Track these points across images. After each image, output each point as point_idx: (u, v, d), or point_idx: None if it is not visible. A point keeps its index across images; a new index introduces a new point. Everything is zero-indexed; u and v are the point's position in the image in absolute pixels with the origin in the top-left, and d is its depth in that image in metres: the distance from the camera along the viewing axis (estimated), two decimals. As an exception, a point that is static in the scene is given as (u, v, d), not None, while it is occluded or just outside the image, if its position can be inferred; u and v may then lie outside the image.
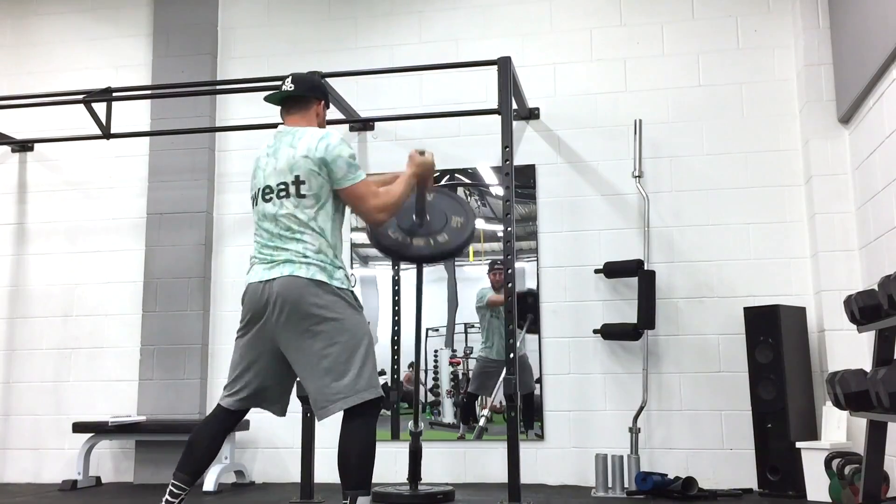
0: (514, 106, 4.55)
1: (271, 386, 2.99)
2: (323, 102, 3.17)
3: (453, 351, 5.08)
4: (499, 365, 4.96)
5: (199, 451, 2.91)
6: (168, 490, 2.85)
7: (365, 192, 3.00)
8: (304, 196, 2.92)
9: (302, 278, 2.84)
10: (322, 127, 3.14)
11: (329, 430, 3.21)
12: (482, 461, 4.87)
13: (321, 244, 2.91)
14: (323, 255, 2.90)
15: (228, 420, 2.99)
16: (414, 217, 3.66)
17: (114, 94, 4.99)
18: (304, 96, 3.10)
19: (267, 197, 2.97)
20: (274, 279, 2.87)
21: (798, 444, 4.15)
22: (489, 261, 5.11)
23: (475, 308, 5.10)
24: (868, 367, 3.11)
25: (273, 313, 2.86)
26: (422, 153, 3.33)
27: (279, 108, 3.15)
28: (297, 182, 2.92)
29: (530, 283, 4.99)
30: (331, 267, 2.90)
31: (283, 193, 2.94)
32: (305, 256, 2.88)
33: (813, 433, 4.34)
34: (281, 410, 3.06)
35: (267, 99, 3.16)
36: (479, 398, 5.03)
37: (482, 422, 4.90)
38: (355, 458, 2.80)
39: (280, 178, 2.95)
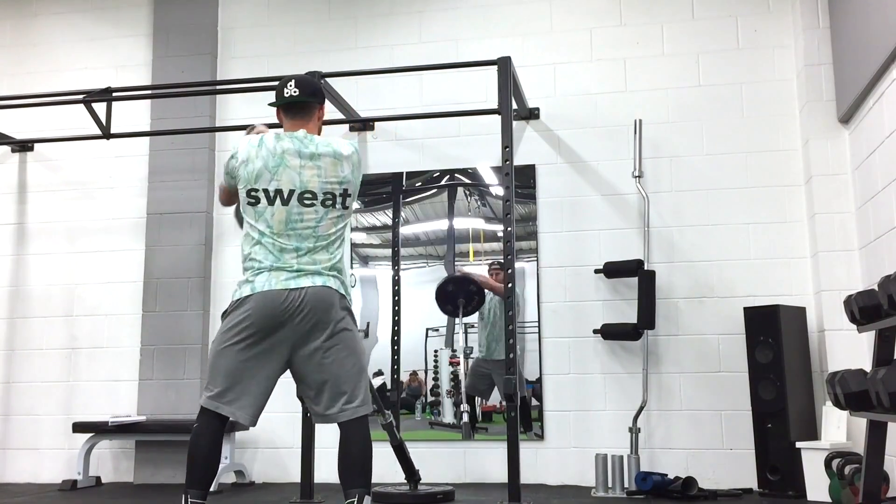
0: (514, 106, 4.55)
1: (263, 395, 2.97)
2: (322, 106, 3.20)
3: (453, 351, 5.08)
4: (488, 364, 4.98)
5: (206, 463, 2.90)
6: None
7: None
8: (347, 208, 3.02)
9: (332, 290, 2.92)
10: (320, 130, 3.19)
11: (329, 430, 3.21)
12: (482, 461, 4.87)
13: (343, 258, 3.04)
14: (342, 268, 3.01)
15: (221, 428, 2.97)
16: None
17: (114, 94, 4.99)
18: (309, 101, 3.11)
19: (307, 202, 2.93)
20: (304, 288, 2.88)
21: (798, 444, 4.15)
22: (489, 262, 5.11)
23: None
24: (868, 367, 3.11)
25: (300, 323, 2.87)
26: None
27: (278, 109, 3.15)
28: (346, 195, 2.99)
29: (530, 283, 4.98)
30: (346, 282, 3.03)
31: (328, 203, 2.95)
32: (333, 269, 2.96)
33: (813, 433, 4.33)
34: (255, 421, 3.01)
35: (272, 103, 3.16)
36: (480, 399, 5.03)
37: (465, 417, 4.90)
38: (362, 458, 2.87)
39: (328, 186, 2.95)
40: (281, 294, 2.86)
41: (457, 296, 5.01)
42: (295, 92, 3.08)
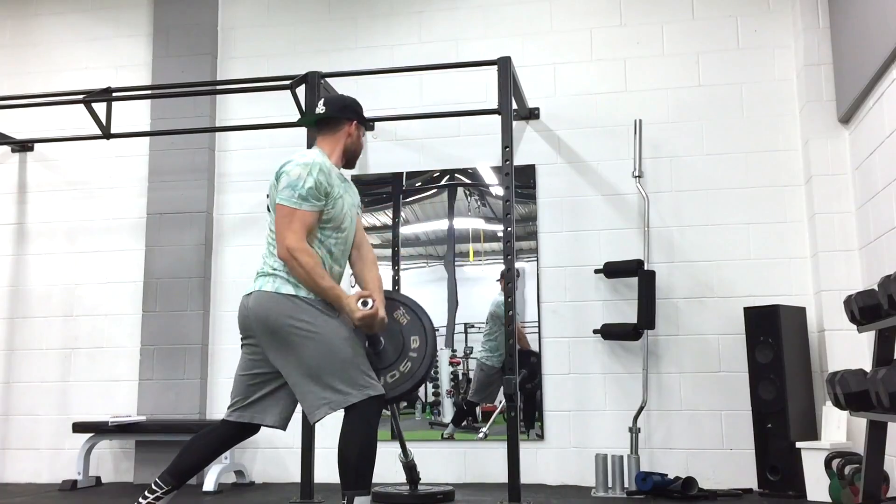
0: (514, 106, 4.55)
1: (267, 398, 2.99)
2: (355, 122, 3.16)
3: (453, 351, 5.08)
4: (495, 371, 4.96)
5: (186, 452, 2.96)
6: (148, 486, 2.90)
7: (284, 220, 2.88)
8: (269, 211, 3.05)
9: (266, 293, 2.90)
10: (354, 148, 3.17)
11: (329, 431, 3.22)
12: (482, 461, 4.87)
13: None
14: (286, 268, 2.93)
15: (227, 433, 3.01)
16: (367, 345, 3.07)
17: (114, 94, 4.99)
18: (335, 117, 3.13)
19: (270, 209, 3.08)
20: (249, 294, 2.96)
21: (798, 444, 4.15)
22: (497, 265, 5.07)
23: (489, 313, 5.04)
24: (868, 367, 3.11)
25: (253, 328, 2.93)
26: (364, 303, 2.89)
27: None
28: (270, 197, 3.05)
29: (530, 283, 4.98)
30: (293, 280, 2.90)
31: (268, 207, 3.07)
32: (273, 269, 2.93)
33: (813, 433, 4.34)
34: (282, 424, 3.03)
35: (299, 123, 3.24)
36: (480, 404, 5.03)
37: (481, 435, 4.90)
38: (353, 457, 2.81)
39: (268, 191, 3.08)
40: (244, 300, 2.98)
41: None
42: (322, 109, 3.15)
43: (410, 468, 4.14)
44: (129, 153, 5.50)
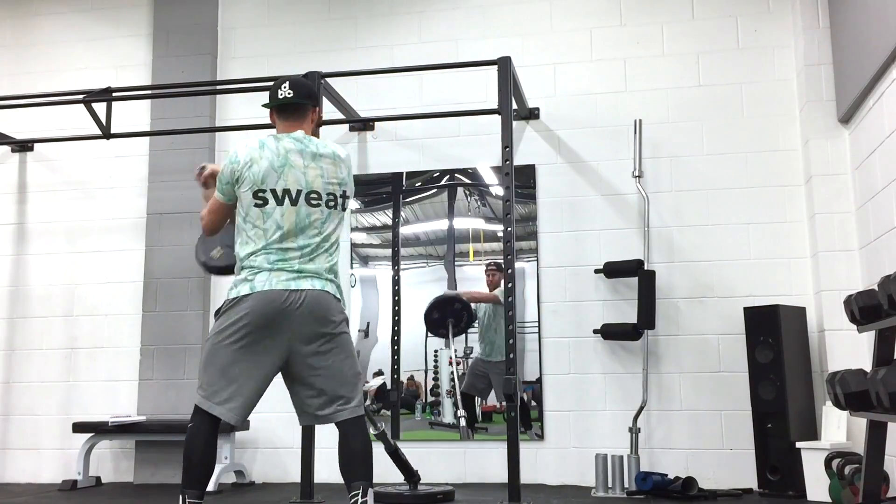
0: (514, 106, 4.55)
1: (255, 396, 2.96)
2: (316, 109, 3.20)
3: (454, 351, 5.08)
4: (486, 366, 4.97)
5: (202, 463, 2.92)
6: None
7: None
8: (345, 210, 3.04)
9: (330, 294, 2.93)
10: (316, 132, 3.26)
11: (329, 430, 3.21)
12: (482, 461, 4.87)
13: (337, 261, 3.02)
14: (338, 272, 3.02)
15: (216, 427, 2.98)
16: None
17: (114, 94, 4.99)
18: (303, 104, 3.10)
19: (314, 202, 2.93)
20: (303, 290, 2.87)
21: (798, 444, 4.15)
22: (486, 262, 5.11)
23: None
24: (868, 367, 3.11)
25: (298, 325, 2.86)
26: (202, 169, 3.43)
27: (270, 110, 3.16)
28: (345, 197, 3.01)
29: (530, 283, 4.98)
30: (341, 286, 3.05)
31: (331, 204, 2.97)
32: (330, 272, 2.97)
33: (813, 433, 4.34)
34: (243, 421, 3.03)
35: (266, 105, 3.16)
36: (480, 399, 5.03)
37: (462, 422, 4.90)
38: (364, 452, 2.89)
39: (330, 187, 2.96)
40: (281, 294, 2.84)
41: (445, 318, 5.02)
42: (289, 94, 3.05)
43: (394, 453, 4.11)
44: (129, 153, 5.50)
